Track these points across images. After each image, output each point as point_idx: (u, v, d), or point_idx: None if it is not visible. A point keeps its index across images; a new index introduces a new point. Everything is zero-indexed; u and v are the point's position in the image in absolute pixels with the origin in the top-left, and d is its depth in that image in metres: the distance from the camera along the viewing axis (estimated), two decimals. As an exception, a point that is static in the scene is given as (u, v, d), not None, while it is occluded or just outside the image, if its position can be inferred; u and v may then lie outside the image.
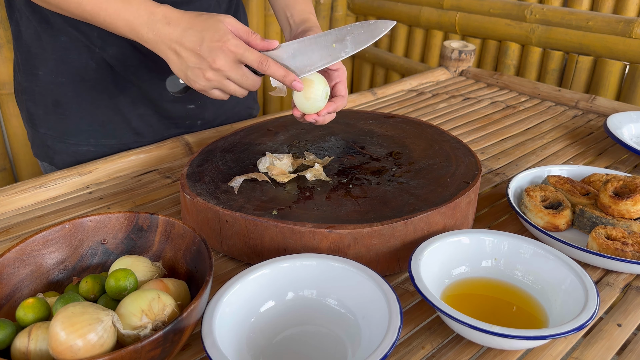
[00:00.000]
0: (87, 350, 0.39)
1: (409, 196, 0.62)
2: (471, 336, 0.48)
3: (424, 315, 0.54)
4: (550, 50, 1.56)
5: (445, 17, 1.80)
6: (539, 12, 1.54)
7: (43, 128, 0.84)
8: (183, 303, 0.47)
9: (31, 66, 0.81)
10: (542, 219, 0.66)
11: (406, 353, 0.49)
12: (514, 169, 0.84)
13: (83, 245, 0.53)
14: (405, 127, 0.82)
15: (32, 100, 0.83)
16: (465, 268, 0.57)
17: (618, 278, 0.59)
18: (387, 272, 0.59)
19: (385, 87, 1.18)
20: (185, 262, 0.52)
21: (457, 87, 1.22)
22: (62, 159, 0.85)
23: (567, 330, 0.45)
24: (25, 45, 0.80)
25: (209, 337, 0.43)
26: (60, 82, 0.80)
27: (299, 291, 0.52)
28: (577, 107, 1.10)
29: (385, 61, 2.06)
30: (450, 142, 0.76)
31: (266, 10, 1.91)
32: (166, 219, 0.53)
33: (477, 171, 0.67)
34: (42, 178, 0.75)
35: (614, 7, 1.49)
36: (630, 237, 0.61)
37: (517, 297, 0.55)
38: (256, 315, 0.50)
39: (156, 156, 0.84)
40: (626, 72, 1.43)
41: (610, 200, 0.65)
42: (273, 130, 0.80)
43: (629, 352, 0.50)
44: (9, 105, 1.41)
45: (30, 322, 0.44)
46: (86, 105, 0.82)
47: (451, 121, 1.03)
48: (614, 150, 0.91)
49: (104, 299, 0.47)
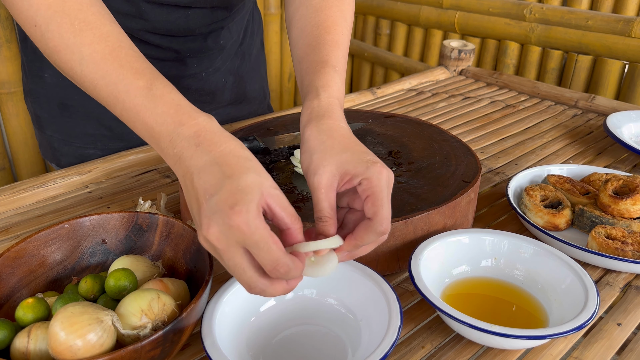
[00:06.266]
0: (87, 350, 0.39)
1: (409, 195, 0.62)
2: (471, 336, 0.48)
3: (424, 314, 0.54)
4: (549, 49, 1.56)
5: (445, 17, 1.80)
6: (539, 11, 1.54)
7: (49, 130, 0.84)
8: (183, 303, 0.47)
9: (37, 68, 0.80)
10: (542, 219, 0.66)
11: (406, 353, 0.49)
12: (514, 169, 0.84)
13: (82, 245, 0.53)
14: (404, 126, 0.82)
15: (38, 102, 0.83)
16: (465, 267, 0.57)
17: (618, 277, 0.59)
18: (387, 271, 0.59)
19: (384, 87, 1.18)
20: (185, 261, 0.52)
21: (456, 86, 1.22)
22: (68, 161, 0.85)
23: (567, 330, 0.45)
24: (30, 47, 0.80)
25: (208, 337, 0.43)
26: (66, 85, 0.80)
27: (299, 291, 0.52)
28: (576, 107, 1.10)
29: (384, 60, 2.06)
30: (450, 142, 0.76)
31: (266, 10, 1.91)
32: (166, 218, 0.53)
33: (476, 170, 0.67)
34: (42, 177, 0.75)
35: (613, 7, 1.49)
36: (630, 237, 0.61)
37: (517, 296, 0.55)
38: (256, 314, 0.50)
39: (156, 156, 0.84)
40: (625, 71, 1.43)
41: (610, 199, 0.65)
42: (273, 129, 0.80)
43: (629, 351, 0.50)
44: (9, 104, 1.41)
45: (30, 322, 0.44)
46: (92, 108, 0.81)
47: (451, 120, 1.03)
48: (613, 150, 0.91)
49: (104, 299, 0.47)
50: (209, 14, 0.78)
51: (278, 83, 2.05)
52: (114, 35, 0.49)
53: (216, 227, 0.40)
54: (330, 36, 0.59)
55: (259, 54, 0.98)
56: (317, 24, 0.60)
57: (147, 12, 0.73)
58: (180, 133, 0.45)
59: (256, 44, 0.96)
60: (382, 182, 0.45)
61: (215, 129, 0.45)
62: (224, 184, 0.41)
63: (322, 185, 0.45)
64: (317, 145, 0.48)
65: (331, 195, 0.46)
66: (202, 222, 0.41)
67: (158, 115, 0.46)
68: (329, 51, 0.57)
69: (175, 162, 0.45)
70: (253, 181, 0.41)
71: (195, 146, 0.44)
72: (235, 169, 0.42)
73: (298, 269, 0.41)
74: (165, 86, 0.47)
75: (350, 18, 0.63)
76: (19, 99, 1.40)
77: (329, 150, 0.47)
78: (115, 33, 0.49)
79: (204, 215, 0.41)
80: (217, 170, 0.42)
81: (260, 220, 0.40)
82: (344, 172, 0.46)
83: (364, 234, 0.45)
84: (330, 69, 0.55)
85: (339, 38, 0.59)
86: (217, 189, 0.41)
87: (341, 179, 0.46)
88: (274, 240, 0.40)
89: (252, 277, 0.41)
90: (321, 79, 0.54)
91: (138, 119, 0.47)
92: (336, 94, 0.53)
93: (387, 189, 0.45)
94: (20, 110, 1.41)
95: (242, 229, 0.39)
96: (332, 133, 0.48)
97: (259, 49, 0.98)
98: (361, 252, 0.47)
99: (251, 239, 0.39)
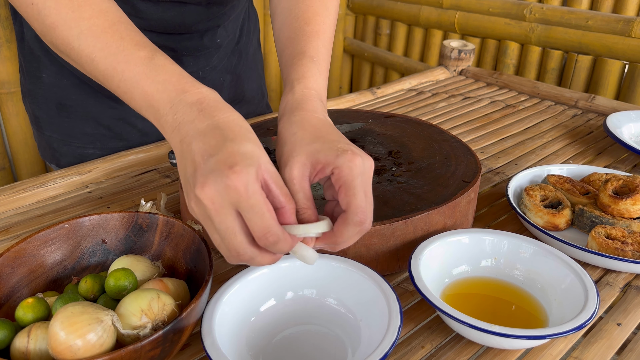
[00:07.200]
0: (87, 350, 0.39)
1: (409, 195, 0.62)
2: (471, 336, 0.48)
3: (424, 314, 0.54)
4: (549, 49, 1.56)
5: (445, 17, 1.80)
6: (539, 11, 1.54)
7: (48, 130, 0.84)
8: (183, 303, 0.47)
9: (34, 69, 0.80)
10: (542, 219, 0.66)
11: (406, 352, 0.49)
12: (514, 169, 0.84)
13: (82, 245, 0.53)
14: (404, 126, 0.82)
15: (36, 102, 0.83)
16: (465, 267, 0.57)
17: (618, 277, 0.59)
18: (387, 271, 0.59)
19: (384, 87, 1.18)
20: (185, 261, 0.52)
21: (456, 86, 1.22)
22: (68, 161, 0.85)
23: (567, 330, 0.45)
24: (28, 47, 0.80)
25: (208, 337, 0.43)
26: (64, 85, 0.80)
27: (299, 291, 0.52)
28: (576, 107, 1.10)
29: (384, 60, 2.06)
30: (449, 142, 0.76)
31: (265, 10, 1.91)
32: (166, 218, 0.53)
33: (476, 170, 0.67)
34: (42, 177, 0.75)
35: (613, 7, 1.49)
36: (630, 237, 0.61)
37: (517, 296, 0.55)
38: (256, 314, 0.50)
39: (156, 155, 0.84)
40: (625, 71, 1.43)
41: (610, 199, 0.65)
42: (273, 129, 0.80)
43: (629, 351, 0.50)
44: (9, 104, 1.41)
45: (30, 321, 0.44)
46: (91, 108, 0.81)
47: (451, 120, 1.03)
48: (613, 150, 0.91)
49: (104, 299, 0.47)
50: (204, 11, 0.78)
51: (278, 83, 2.05)
52: (113, 11, 0.49)
53: (213, 186, 0.38)
54: (309, 27, 0.58)
55: (255, 52, 0.98)
56: (297, 15, 0.59)
57: (143, 10, 0.73)
58: (182, 99, 0.44)
59: (253, 43, 0.97)
60: (354, 171, 0.43)
61: (219, 99, 0.45)
62: (225, 145, 0.40)
63: (293, 176, 0.44)
64: (288, 137, 0.47)
65: (305, 186, 0.45)
66: (197, 181, 0.39)
67: (159, 82, 0.45)
68: (307, 42, 0.57)
69: (173, 128, 0.44)
70: (253, 150, 0.41)
71: (198, 111, 0.43)
72: (238, 135, 0.41)
73: (287, 242, 0.41)
74: (167, 58, 0.47)
75: (334, 7, 0.62)
76: (19, 99, 1.40)
77: (299, 141, 0.46)
78: (114, 9, 0.49)
79: (200, 174, 0.40)
80: (219, 133, 0.41)
81: (258, 185, 0.39)
82: (315, 161, 0.44)
83: (342, 228, 0.43)
84: (308, 60, 0.55)
85: (319, 28, 0.58)
86: (218, 150, 0.40)
87: (313, 169, 0.45)
88: (268, 207, 0.39)
89: (242, 243, 0.40)
90: (297, 71, 0.54)
91: (137, 87, 0.46)
92: (312, 85, 0.52)
93: (360, 177, 0.43)
94: (20, 110, 1.42)
95: (239, 190, 0.38)
96: (304, 124, 0.48)
97: (255, 47, 0.98)
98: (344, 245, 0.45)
99: (247, 202, 0.38)
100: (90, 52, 0.47)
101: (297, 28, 0.58)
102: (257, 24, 0.98)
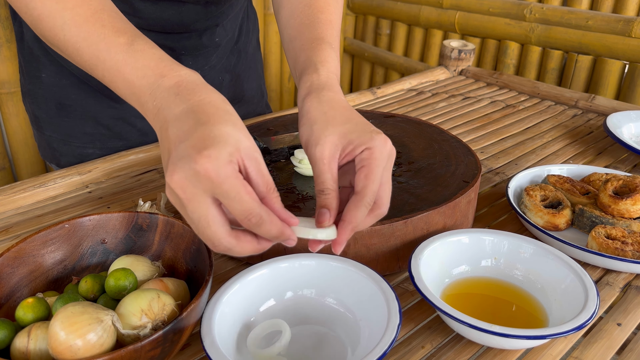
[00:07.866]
0: (87, 350, 0.39)
1: (409, 195, 0.62)
2: (471, 336, 0.48)
3: (424, 314, 0.54)
4: (549, 49, 1.56)
5: (445, 17, 1.80)
6: (539, 11, 1.54)
7: (48, 130, 0.84)
8: (183, 303, 0.47)
9: (34, 69, 0.80)
10: (542, 219, 0.66)
11: (406, 352, 0.49)
12: (514, 169, 0.84)
13: (83, 245, 0.53)
14: (404, 126, 0.82)
15: (35, 102, 0.83)
16: (465, 267, 0.57)
17: (618, 277, 0.59)
18: (387, 271, 0.59)
19: (384, 87, 1.18)
20: (185, 261, 0.52)
21: (456, 86, 1.22)
22: (68, 161, 0.85)
23: (567, 330, 0.45)
24: (27, 47, 0.80)
25: (208, 337, 0.43)
26: (63, 84, 0.80)
27: (299, 290, 0.52)
28: (576, 107, 1.10)
29: (384, 60, 2.06)
30: (450, 142, 0.76)
31: (266, 10, 1.91)
32: (166, 218, 0.53)
33: (476, 170, 0.67)
34: (42, 177, 0.75)
35: (613, 7, 1.49)
36: (630, 237, 0.61)
37: (517, 296, 0.55)
38: (256, 314, 0.50)
39: (156, 155, 0.84)
40: (625, 71, 1.43)
41: (610, 199, 0.65)
42: (273, 129, 0.80)
43: (629, 351, 0.50)
44: (9, 104, 1.41)
45: (30, 321, 0.44)
46: (90, 108, 0.81)
47: (451, 120, 1.03)
48: (613, 150, 0.91)
49: (104, 299, 0.47)
50: (202, 10, 0.78)
51: (278, 83, 2.05)
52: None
53: (181, 172, 0.37)
54: (324, 15, 0.58)
55: (255, 52, 0.98)
56: (308, 3, 0.59)
57: (141, 9, 0.73)
58: (160, 84, 0.43)
59: (252, 42, 0.96)
60: (383, 154, 0.43)
61: (198, 81, 0.43)
62: (196, 130, 0.38)
63: (324, 155, 0.43)
64: (319, 116, 0.46)
65: (333, 167, 0.44)
66: (168, 169, 0.38)
67: (139, 69, 0.44)
68: (324, 29, 0.56)
69: (154, 115, 0.43)
70: (229, 133, 0.39)
71: (174, 95, 0.42)
72: (212, 117, 0.40)
73: (274, 224, 0.39)
74: (147, 42, 0.46)
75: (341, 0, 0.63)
76: (19, 99, 1.40)
77: (330, 120, 0.45)
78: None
79: (171, 162, 0.38)
80: (192, 117, 0.40)
81: (231, 168, 0.37)
82: (347, 142, 0.44)
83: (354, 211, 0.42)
84: (327, 45, 0.54)
85: (332, 18, 0.59)
86: (189, 135, 0.38)
87: (343, 150, 0.44)
88: (246, 190, 0.38)
89: (216, 233, 0.38)
90: (319, 54, 0.53)
91: (119, 76, 0.45)
92: (334, 70, 0.52)
93: (387, 161, 0.43)
94: (20, 110, 1.42)
95: (209, 175, 0.36)
96: (333, 104, 0.47)
97: (255, 47, 0.98)
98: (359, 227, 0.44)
99: (221, 187, 0.37)
100: (75, 42, 0.47)
101: (311, 15, 0.58)
102: (256, 24, 0.98)
